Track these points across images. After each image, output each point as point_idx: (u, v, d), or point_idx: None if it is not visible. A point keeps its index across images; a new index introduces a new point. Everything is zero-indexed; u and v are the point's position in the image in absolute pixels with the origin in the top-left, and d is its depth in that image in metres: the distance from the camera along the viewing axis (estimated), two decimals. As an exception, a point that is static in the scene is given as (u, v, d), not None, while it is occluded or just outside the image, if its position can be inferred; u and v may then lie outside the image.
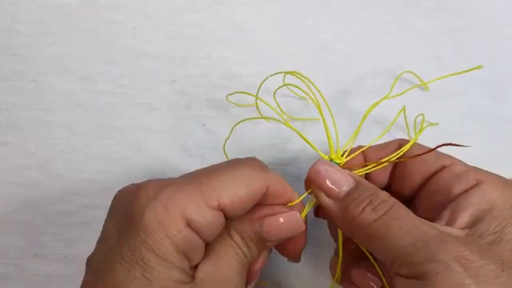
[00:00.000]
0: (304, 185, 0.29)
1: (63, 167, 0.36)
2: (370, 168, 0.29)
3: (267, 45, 0.37)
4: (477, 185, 0.26)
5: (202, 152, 0.36)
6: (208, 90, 0.37)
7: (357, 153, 0.30)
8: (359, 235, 0.26)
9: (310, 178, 0.28)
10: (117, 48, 0.37)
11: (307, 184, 0.29)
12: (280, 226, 0.27)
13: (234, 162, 0.28)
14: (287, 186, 0.28)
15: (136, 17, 0.37)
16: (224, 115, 0.37)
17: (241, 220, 0.27)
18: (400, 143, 0.30)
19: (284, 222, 0.27)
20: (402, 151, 0.29)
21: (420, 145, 0.29)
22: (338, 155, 0.29)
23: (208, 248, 0.26)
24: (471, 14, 0.37)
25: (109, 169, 0.36)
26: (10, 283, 0.35)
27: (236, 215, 0.27)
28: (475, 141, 0.36)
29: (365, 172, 0.29)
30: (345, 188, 0.27)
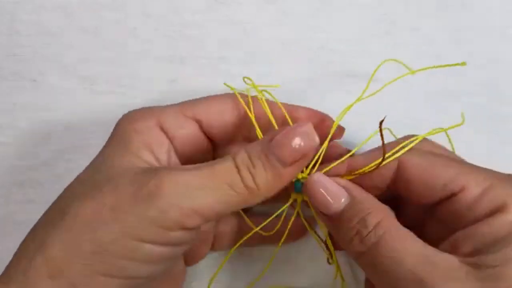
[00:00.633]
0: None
1: (63, 167, 0.36)
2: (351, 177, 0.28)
3: (267, 45, 0.37)
4: (490, 215, 0.24)
5: (202, 152, 0.36)
6: (208, 90, 0.37)
7: (328, 168, 0.28)
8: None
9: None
10: (117, 48, 0.37)
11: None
12: (293, 135, 0.25)
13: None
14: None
15: (136, 17, 0.37)
16: (224, 115, 0.37)
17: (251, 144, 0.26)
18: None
19: (297, 130, 0.25)
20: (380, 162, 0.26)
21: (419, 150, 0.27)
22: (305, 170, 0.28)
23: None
24: (471, 14, 0.37)
25: (109, 169, 0.36)
26: (10, 283, 0.35)
27: (215, 133, 0.30)
28: (475, 141, 0.36)
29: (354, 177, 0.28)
30: (335, 206, 0.26)
